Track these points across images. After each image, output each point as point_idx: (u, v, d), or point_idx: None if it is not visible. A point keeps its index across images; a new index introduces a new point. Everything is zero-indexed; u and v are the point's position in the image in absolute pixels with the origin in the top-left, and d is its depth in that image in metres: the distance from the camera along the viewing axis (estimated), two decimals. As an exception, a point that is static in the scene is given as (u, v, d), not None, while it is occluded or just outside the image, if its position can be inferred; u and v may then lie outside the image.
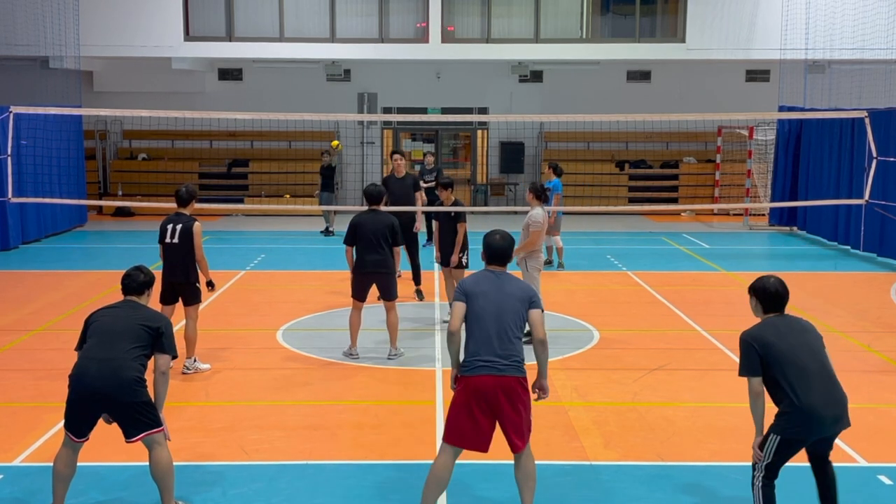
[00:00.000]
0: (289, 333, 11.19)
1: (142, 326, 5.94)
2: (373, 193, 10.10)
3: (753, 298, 5.87)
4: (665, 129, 24.81)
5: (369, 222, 9.85)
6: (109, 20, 21.47)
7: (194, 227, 9.31)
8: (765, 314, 5.81)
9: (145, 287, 6.25)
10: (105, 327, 5.94)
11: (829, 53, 21.06)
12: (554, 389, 9.03)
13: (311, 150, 24.73)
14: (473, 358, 5.80)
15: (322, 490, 6.61)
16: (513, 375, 5.80)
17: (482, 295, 5.88)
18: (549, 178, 15.26)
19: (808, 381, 5.45)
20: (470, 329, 5.88)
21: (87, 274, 14.92)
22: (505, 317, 5.83)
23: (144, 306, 6.19)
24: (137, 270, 6.28)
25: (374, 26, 22.43)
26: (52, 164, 18.64)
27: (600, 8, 23.57)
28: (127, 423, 5.87)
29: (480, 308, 5.84)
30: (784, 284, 5.82)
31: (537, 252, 10.65)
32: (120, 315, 6.02)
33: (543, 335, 5.97)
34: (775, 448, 5.55)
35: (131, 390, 5.79)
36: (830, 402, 5.45)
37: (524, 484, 5.95)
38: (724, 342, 10.80)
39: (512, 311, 5.85)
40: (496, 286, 5.93)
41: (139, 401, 5.84)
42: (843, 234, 18.29)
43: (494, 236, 6.15)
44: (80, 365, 5.87)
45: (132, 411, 5.83)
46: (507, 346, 5.80)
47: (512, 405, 5.78)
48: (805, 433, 5.49)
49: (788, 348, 5.52)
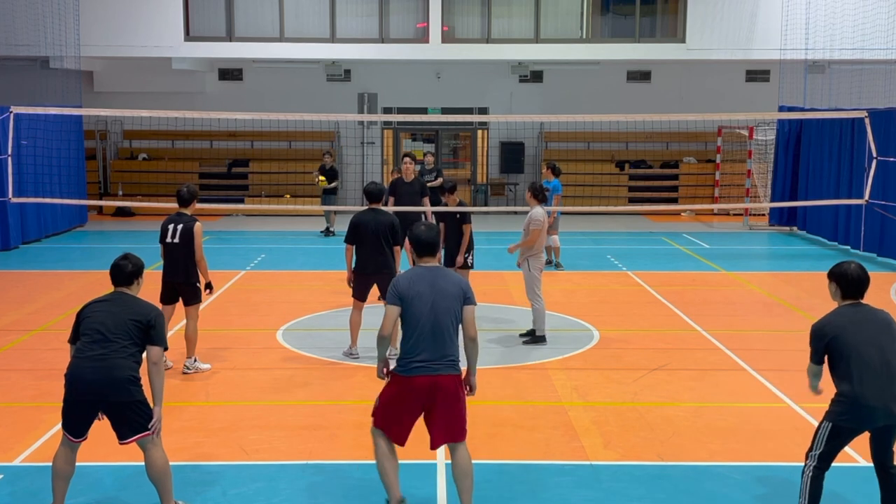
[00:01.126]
0: (289, 333, 11.19)
1: (133, 322, 5.91)
2: (373, 192, 10.05)
3: (833, 284, 5.87)
4: (665, 129, 24.80)
5: (370, 221, 9.84)
6: (109, 20, 21.47)
7: (195, 227, 9.30)
8: (843, 300, 5.82)
9: (134, 277, 6.17)
10: (97, 325, 5.90)
11: (829, 53, 21.05)
12: (554, 389, 9.05)
13: (311, 150, 24.73)
14: (409, 358, 5.85)
15: (322, 490, 6.61)
16: (447, 374, 5.86)
17: (417, 296, 5.86)
18: (547, 179, 15.26)
19: (865, 374, 5.50)
20: (406, 330, 5.92)
21: (87, 274, 14.92)
22: (440, 317, 5.86)
23: (134, 298, 6.11)
24: (125, 261, 6.19)
25: (374, 26, 22.43)
26: (52, 164, 18.64)
27: (600, 8, 23.55)
28: (121, 423, 5.87)
29: (416, 310, 5.85)
30: (865, 270, 5.85)
31: (539, 252, 10.67)
32: (111, 311, 5.97)
33: (475, 333, 6.02)
34: (827, 435, 5.64)
35: (126, 390, 5.80)
36: (883, 395, 5.50)
37: (461, 482, 5.95)
38: (724, 342, 10.81)
39: (447, 310, 5.88)
40: (430, 285, 5.91)
41: (134, 400, 5.84)
42: (843, 234, 18.29)
43: (420, 228, 6.13)
44: (74, 365, 5.87)
45: (127, 411, 5.83)
46: (442, 346, 5.85)
47: (445, 403, 5.86)
48: (855, 422, 5.56)
49: (854, 341, 5.56)
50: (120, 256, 6.24)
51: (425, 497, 6.49)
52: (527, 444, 7.54)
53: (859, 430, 5.65)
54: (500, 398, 8.73)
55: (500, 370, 9.65)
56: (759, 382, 9.31)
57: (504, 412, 8.34)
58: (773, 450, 7.46)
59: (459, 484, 5.97)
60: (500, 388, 9.04)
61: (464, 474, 5.94)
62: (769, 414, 8.40)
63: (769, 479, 6.88)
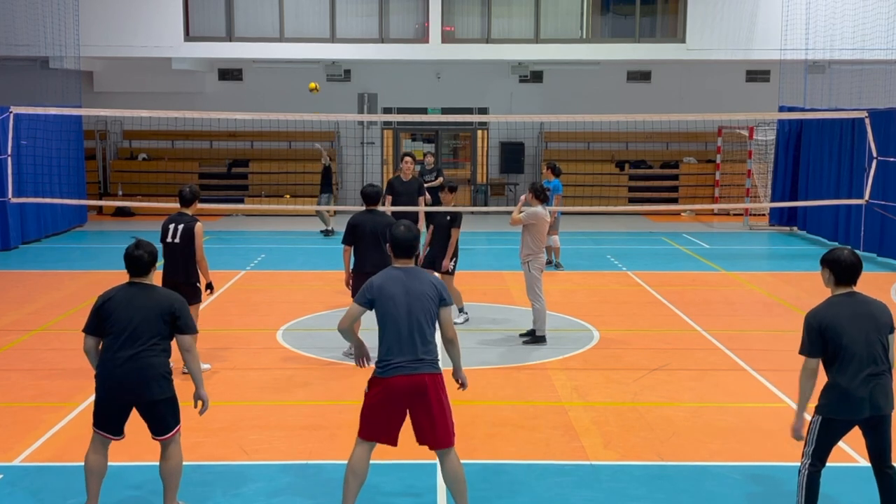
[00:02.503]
0: (289, 333, 11.19)
1: (158, 315, 5.89)
2: (370, 194, 10.06)
3: (826, 270, 5.85)
4: (665, 130, 24.80)
5: (368, 222, 9.85)
6: (109, 20, 21.47)
7: (196, 227, 9.29)
8: (836, 286, 5.81)
9: (151, 266, 6.10)
10: (124, 322, 5.85)
11: (829, 53, 21.05)
12: (554, 389, 9.05)
13: (311, 150, 24.71)
14: (387, 360, 5.79)
15: (322, 490, 6.61)
16: (427, 373, 5.80)
17: (390, 299, 5.80)
18: (548, 179, 15.27)
19: (852, 365, 5.51)
20: (383, 332, 5.86)
21: (87, 274, 14.91)
22: (417, 317, 5.79)
23: (155, 289, 6.07)
24: (140, 250, 6.05)
25: (375, 26, 22.43)
26: (52, 165, 18.64)
27: (600, 8, 23.55)
28: (155, 421, 5.92)
29: (392, 311, 5.79)
30: (858, 256, 5.83)
31: (539, 253, 10.67)
32: (136, 306, 5.90)
33: (453, 334, 6.00)
34: (818, 429, 5.65)
35: (158, 387, 5.84)
36: (868, 384, 5.50)
37: (454, 487, 5.90)
38: (724, 342, 10.80)
39: (423, 311, 5.81)
40: (404, 287, 5.83)
41: (166, 397, 5.89)
42: (843, 234, 18.29)
43: (400, 228, 6.03)
44: (105, 366, 5.85)
45: (160, 409, 5.89)
46: (419, 346, 5.77)
47: (425, 404, 5.79)
48: (843, 411, 5.56)
49: (845, 332, 5.56)
50: (132, 246, 6.07)
51: (425, 497, 6.48)
52: (527, 444, 7.54)
53: (850, 423, 5.64)
54: (500, 398, 8.73)
55: (500, 370, 9.65)
56: (758, 382, 9.31)
57: (504, 412, 8.34)
58: (772, 450, 7.45)
59: (452, 488, 5.92)
60: (500, 388, 9.04)
61: (454, 479, 5.87)
62: (769, 414, 8.40)
63: (769, 479, 6.88)
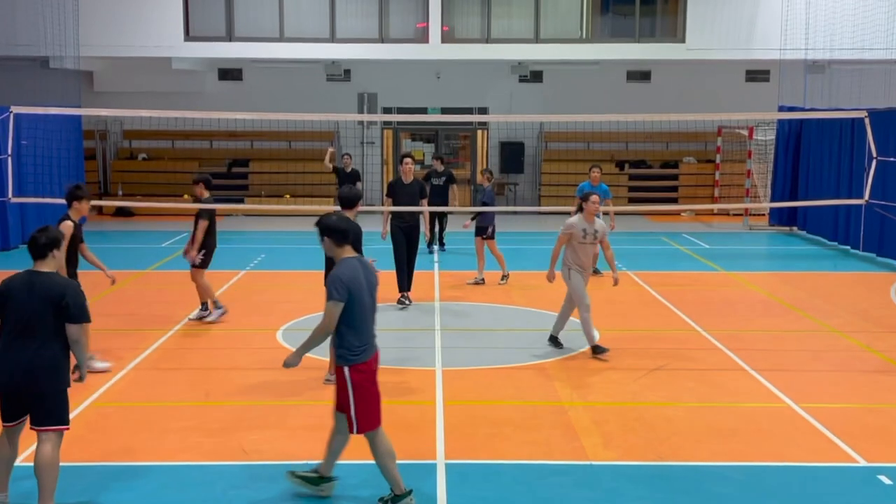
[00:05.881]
0: (289, 333, 11.19)
1: (48, 304, 5.85)
2: (348, 197, 8.85)
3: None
4: (665, 129, 24.80)
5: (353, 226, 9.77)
6: (109, 20, 21.46)
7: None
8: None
9: (48, 249, 6.01)
10: (16, 314, 5.87)
11: (829, 53, 21.05)
12: (554, 389, 9.05)
13: (311, 150, 24.72)
14: (363, 345, 6.19)
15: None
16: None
17: (360, 287, 6.18)
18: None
19: None
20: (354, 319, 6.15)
21: (86, 274, 14.85)
22: (374, 302, 6.37)
23: (48, 276, 5.98)
24: (40, 232, 6.04)
25: (374, 26, 22.42)
26: (52, 164, 18.63)
27: (600, 8, 23.54)
28: (38, 410, 5.94)
29: (362, 298, 6.19)
30: None
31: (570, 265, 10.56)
32: (28, 297, 5.87)
33: None
34: None
35: (46, 381, 5.89)
36: None
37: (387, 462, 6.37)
38: (724, 342, 10.80)
39: (374, 295, 6.37)
40: (364, 276, 6.24)
41: (54, 390, 5.94)
42: (843, 234, 18.30)
43: (332, 217, 6.36)
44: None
45: (47, 402, 5.93)
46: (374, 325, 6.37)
47: None
48: None
49: None
50: (37, 230, 6.10)
51: (425, 497, 6.49)
52: (527, 444, 7.54)
53: None
54: (500, 398, 8.73)
55: (500, 370, 9.65)
56: (758, 382, 9.31)
57: (504, 412, 8.34)
58: (772, 450, 7.45)
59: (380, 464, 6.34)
60: (500, 388, 9.05)
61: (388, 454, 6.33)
62: (769, 414, 8.40)
63: (769, 479, 6.88)
